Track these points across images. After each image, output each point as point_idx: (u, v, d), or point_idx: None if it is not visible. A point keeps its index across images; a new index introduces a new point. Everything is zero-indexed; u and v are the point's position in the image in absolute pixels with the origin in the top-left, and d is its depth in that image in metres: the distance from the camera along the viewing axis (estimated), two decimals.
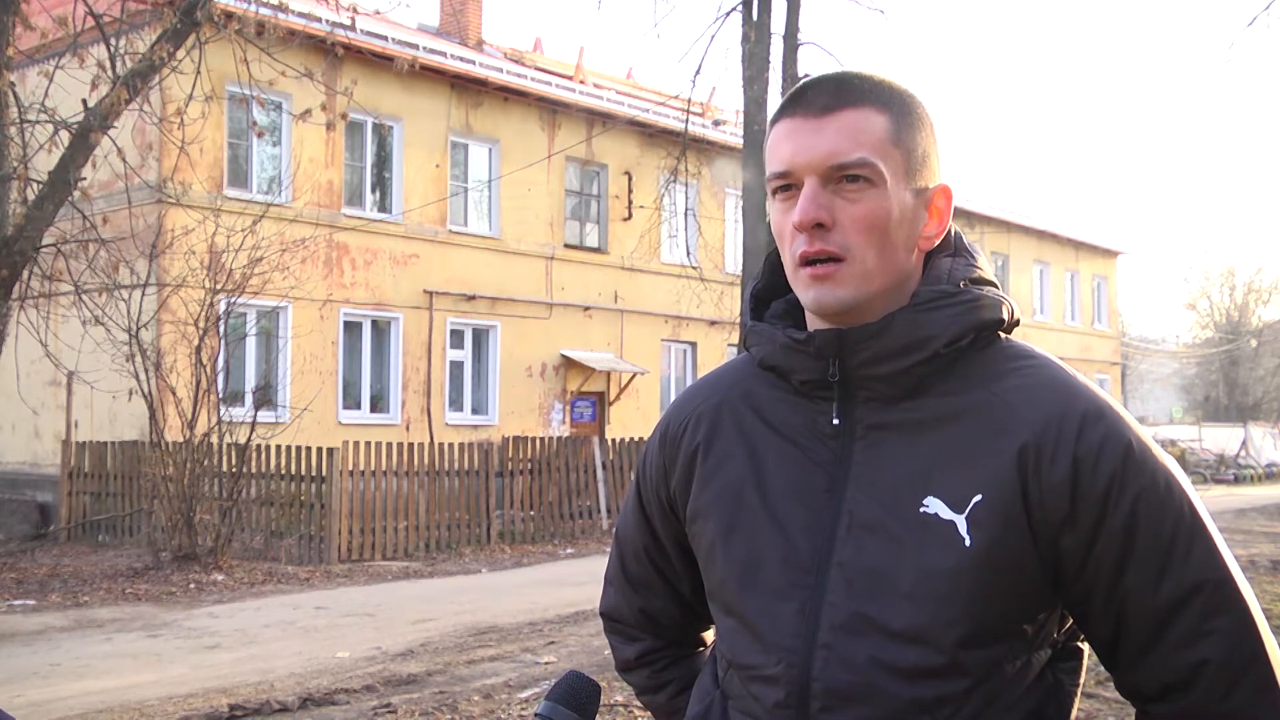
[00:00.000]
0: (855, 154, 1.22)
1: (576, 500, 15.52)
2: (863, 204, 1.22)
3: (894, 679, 1.19)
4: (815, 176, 1.23)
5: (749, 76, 14.04)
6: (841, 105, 1.24)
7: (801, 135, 1.24)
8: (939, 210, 1.29)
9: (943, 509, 1.20)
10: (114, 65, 9.94)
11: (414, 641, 8.03)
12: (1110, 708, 5.39)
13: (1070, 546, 1.19)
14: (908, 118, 1.26)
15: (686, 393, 1.46)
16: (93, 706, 6.23)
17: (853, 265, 1.23)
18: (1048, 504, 1.18)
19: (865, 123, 1.23)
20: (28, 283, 10.77)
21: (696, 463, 1.37)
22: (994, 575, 1.18)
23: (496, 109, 18.79)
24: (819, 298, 1.24)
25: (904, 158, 1.25)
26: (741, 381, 1.38)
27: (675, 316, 21.00)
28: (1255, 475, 33.11)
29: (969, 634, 1.18)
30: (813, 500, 1.26)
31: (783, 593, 1.25)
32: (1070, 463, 1.18)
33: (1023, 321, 1.34)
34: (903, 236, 1.25)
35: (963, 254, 1.31)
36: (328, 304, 16.35)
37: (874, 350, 1.24)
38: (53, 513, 15.15)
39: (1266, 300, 51.60)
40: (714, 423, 1.37)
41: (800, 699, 1.23)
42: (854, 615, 1.21)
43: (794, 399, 1.31)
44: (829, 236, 1.23)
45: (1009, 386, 1.23)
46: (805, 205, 1.22)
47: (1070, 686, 1.29)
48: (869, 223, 1.22)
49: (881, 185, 1.23)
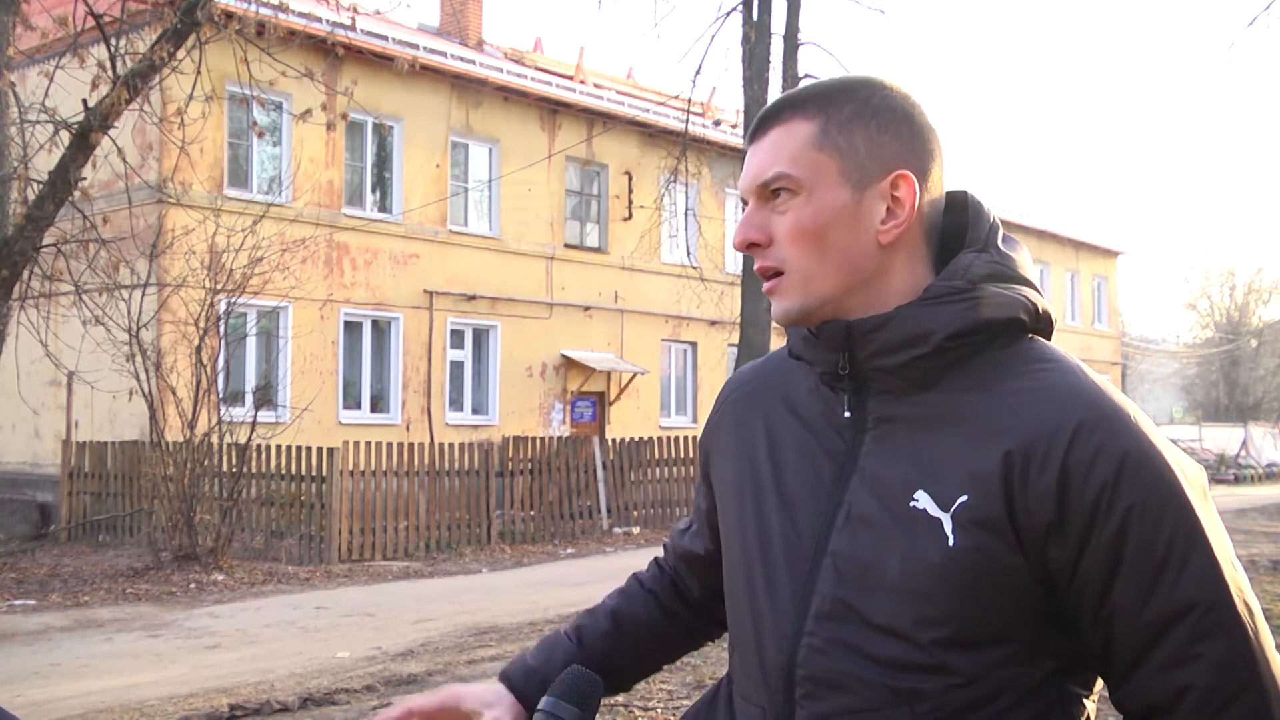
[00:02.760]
0: (771, 170, 1.25)
1: (577, 500, 15.52)
2: (790, 214, 1.25)
3: (872, 669, 1.20)
4: (754, 198, 1.28)
5: (749, 76, 14.07)
6: (771, 125, 1.28)
7: (747, 160, 1.30)
8: (899, 199, 1.26)
9: (931, 505, 1.19)
10: (114, 65, 9.93)
11: (414, 641, 8.03)
12: (1110, 708, 5.38)
13: (1058, 557, 1.16)
14: (848, 115, 1.25)
15: (736, 373, 1.52)
16: (93, 706, 6.22)
17: (791, 276, 1.26)
18: (1033, 512, 1.16)
19: (786, 136, 1.26)
20: (28, 283, 10.77)
21: (729, 442, 1.42)
22: (977, 579, 1.16)
23: (497, 109, 18.79)
24: (774, 310, 1.30)
25: (835, 158, 1.24)
26: (780, 370, 1.42)
27: (675, 316, 21.00)
28: (1255, 475, 33.14)
29: (950, 634, 1.17)
30: (819, 489, 1.28)
31: (782, 579, 1.28)
32: (1059, 472, 1.15)
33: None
34: (846, 236, 1.24)
35: (991, 249, 1.30)
36: (328, 304, 16.36)
37: (879, 343, 1.25)
38: (53, 513, 15.16)
39: (1266, 300, 51.68)
40: (748, 406, 1.42)
41: (786, 684, 1.25)
42: (839, 605, 1.22)
43: (820, 389, 1.34)
44: (767, 253, 1.27)
45: (1015, 389, 1.21)
46: (738, 228, 1.29)
47: (1081, 700, 1.27)
48: (797, 231, 1.25)
49: (803, 192, 1.24)
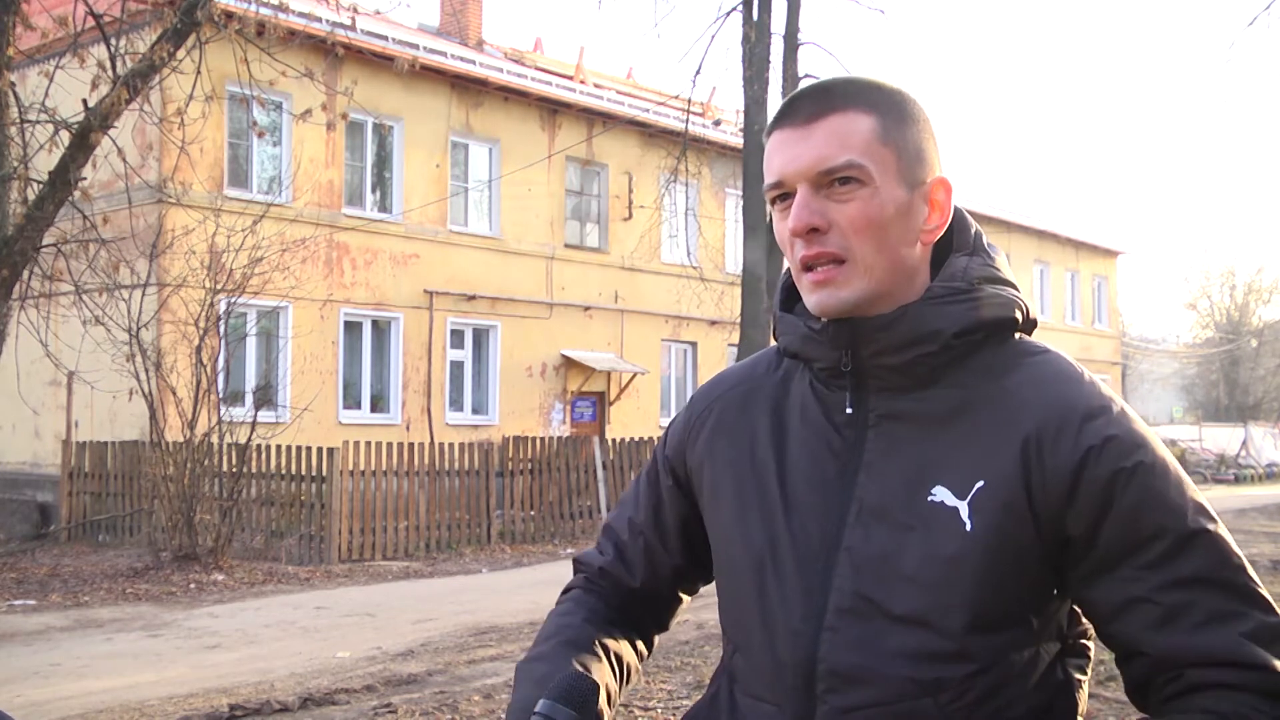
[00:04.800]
0: (842, 157, 1.25)
1: (577, 500, 15.52)
2: (855, 204, 1.25)
3: (897, 662, 1.22)
4: (806, 184, 1.26)
5: (749, 76, 14.06)
6: (826, 111, 1.27)
7: (790, 145, 1.28)
8: (939, 203, 1.31)
9: (948, 496, 1.23)
10: (114, 65, 9.93)
11: (414, 641, 8.02)
12: (1110, 708, 5.38)
13: (1076, 533, 1.21)
14: (896, 116, 1.29)
15: (718, 376, 1.51)
16: (93, 706, 6.22)
17: (854, 265, 1.26)
18: (1050, 489, 1.21)
19: (851, 125, 1.26)
20: (28, 283, 10.77)
21: (719, 445, 1.41)
22: (995, 561, 1.21)
23: (497, 109, 18.79)
24: (822, 300, 1.28)
25: (895, 155, 1.27)
26: (771, 369, 1.43)
27: (675, 316, 21.00)
28: (1255, 475, 33.13)
29: (973, 620, 1.20)
30: (825, 486, 1.30)
31: (793, 576, 1.29)
32: (1073, 450, 1.21)
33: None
34: (900, 232, 1.28)
35: (980, 253, 1.33)
36: (328, 304, 16.36)
37: (885, 342, 1.27)
38: (53, 513, 15.16)
39: (1267, 300, 51.62)
40: (740, 408, 1.42)
41: (806, 680, 1.26)
42: (859, 599, 1.24)
43: (816, 387, 1.35)
44: (826, 239, 1.26)
45: (1017, 380, 1.27)
46: (798, 212, 1.26)
47: (1079, 684, 1.31)
48: (864, 221, 1.25)
49: (872, 184, 1.25)
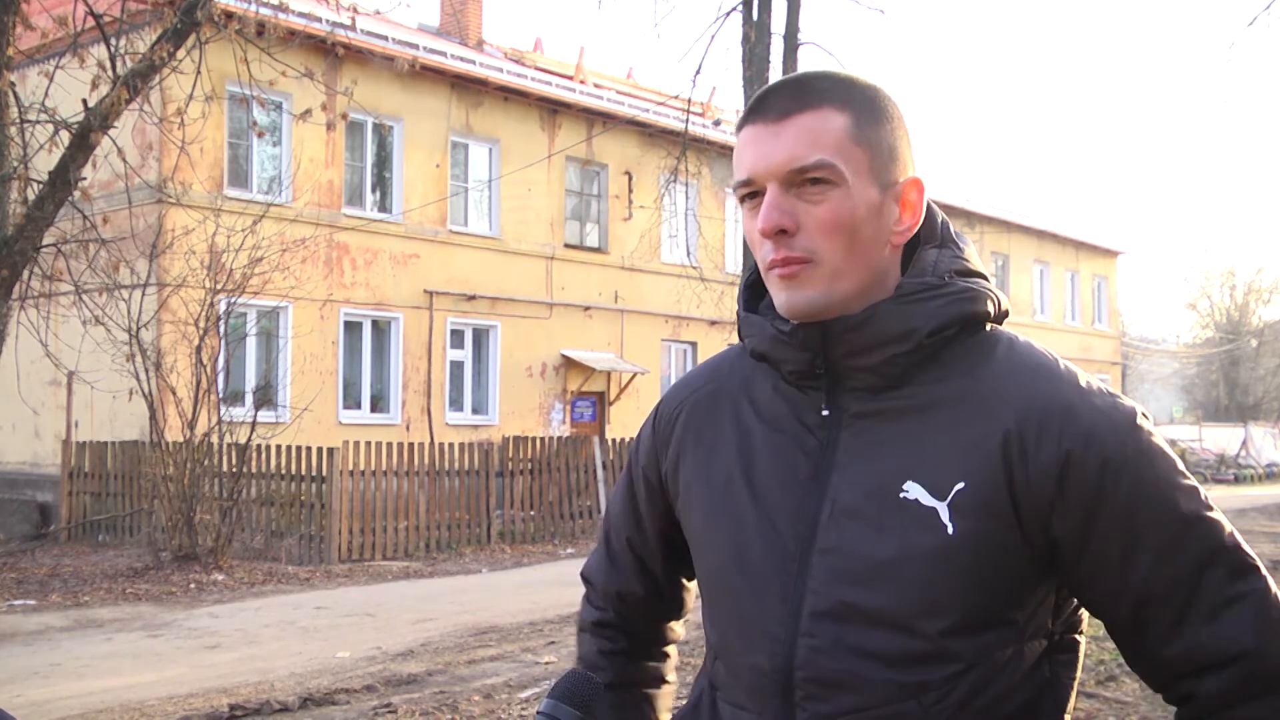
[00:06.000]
0: (813, 156, 1.21)
1: (577, 500, 15.52)
2: (826, 205, 1.22)
3: (877, 666, 1.19)
4: (776, 182, 1.22)
5: (749, 76, 14.04)
6: (799, 109, 1.23)
7: (761, 142, 1.24)
8: (911, 203, 1.28)
9: (923, 495, 1.20)
10: (114, 65, 9.92)
11: (414, 641, 8.03)
12: (1110, 708, 5.37)
13: (1065, 532, 1.18)
14: (870, 114, 1.25)
15: (683, 379, 1.47)
16: (93, 706, 6.23)
17: (820, 266, 1.23)
18: (1034, 489, 1.18)
19: (823, 124, 1.22)
20: (28, 283, 10.76)
21: (687, 448, 1.38)
22: (978, 563, 1.18)
23: (497, 109, 18.79)
24: (790, 299, 1.24)
25: (867, 154, 1.24)
26: (736, 370, 1.39)
27: (675, 316, 20.99)
28: (1255, 475, 33.13)
29: (954, 622, 1.18)
30: (798, 488, 1.27)
31: (767, 580, 1.26)
32: (1057, 448, 1.18)
33: (1024, 322, 1.34)
34: (871, 233, 1.24)
35: (949, 245, 1.30)
36: (328, 304, 16.36)
37: (856, 343, 1.24)
38: (53, 513, 15.16)
39: (1267, 300, 51.64)
40: (707, 410, 1.38)
41: (784, 687, 1.23)
42: (836, 603, 1.21)
43: (784, 388, 1.32)
44: (793, 241, 1.22)
45: (996, 373, 1.23)
46: (767, 212, 1.22)
47: (1067, 680, 1.28)
48: (834, 223, 1.22)
49: (843, 185, 1.22)
